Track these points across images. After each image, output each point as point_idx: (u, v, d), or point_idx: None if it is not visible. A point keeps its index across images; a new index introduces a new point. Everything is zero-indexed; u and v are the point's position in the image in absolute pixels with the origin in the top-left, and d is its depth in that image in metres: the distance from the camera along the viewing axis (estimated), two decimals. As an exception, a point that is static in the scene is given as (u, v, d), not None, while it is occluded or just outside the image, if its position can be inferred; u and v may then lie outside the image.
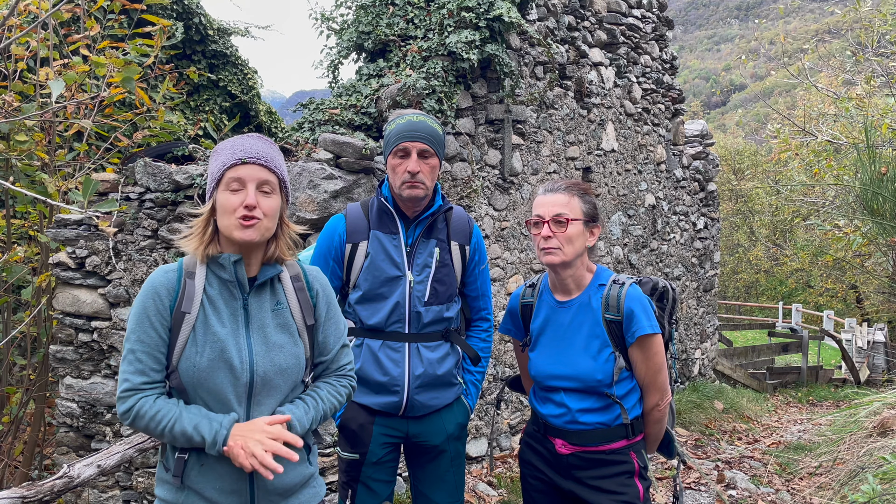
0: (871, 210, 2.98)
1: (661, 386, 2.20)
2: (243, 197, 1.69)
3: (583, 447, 2.18)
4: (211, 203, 1.74)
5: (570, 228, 2.14)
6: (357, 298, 2.34)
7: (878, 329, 15.21)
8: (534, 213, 2.21)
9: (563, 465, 2.22)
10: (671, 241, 7.73)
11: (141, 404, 1.66)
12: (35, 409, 4.27)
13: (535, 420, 2.34)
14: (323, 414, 1.83)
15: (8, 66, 4.05)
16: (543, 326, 2.28)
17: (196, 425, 1.63)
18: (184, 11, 6.56)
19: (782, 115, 12.39)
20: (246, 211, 1.68)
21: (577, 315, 2.21)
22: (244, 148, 1.74)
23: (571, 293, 2.24)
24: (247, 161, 1.71)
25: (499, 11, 4.30)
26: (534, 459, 2.31)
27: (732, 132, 39.83)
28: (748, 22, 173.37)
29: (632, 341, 2.14)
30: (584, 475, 2.19)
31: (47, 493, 2.32)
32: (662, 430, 2.31)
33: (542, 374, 2.26)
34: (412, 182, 2.27)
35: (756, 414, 8.05)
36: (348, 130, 4.02)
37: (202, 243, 1.73)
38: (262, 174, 1.73)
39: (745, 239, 26.63)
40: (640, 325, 2.11)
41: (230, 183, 1.71)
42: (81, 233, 4.15)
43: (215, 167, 1.75)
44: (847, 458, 4.85)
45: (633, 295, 2.15)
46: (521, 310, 2.38)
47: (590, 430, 2.17)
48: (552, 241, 2.14)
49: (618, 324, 2.15)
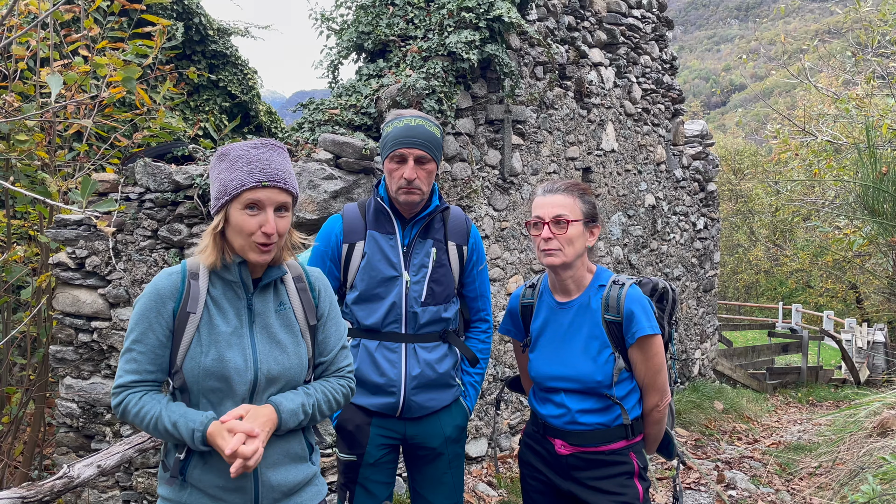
0: (871, 210, 2.98)
1: (660, 387, 2.20)
2: (261, 221, 1.68)
3: (582, 448, 2.18)
4: (221, 216, 1.71)
5: (570, 229, 2.13)
6: (354, 299, 2.34)
7: (877, 329, 15.21)
8: (533, 214, 2.20)
9: (562, 466, 2.22)
10: (671, 241, 7.73)
11: (128, 400, 1.69)
12: (35, 409, 4.27)
13: (535, 421, 2.34)
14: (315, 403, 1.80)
15: (8, 66, 4.04)
16: (543, 327, 2.28)
17: (175, 423, 1.65)
18: (184, 11, 6.56)
19: (782, 115, 12.39)
20: (265, 238, 1.68)
21: (577, 316, 2.21)
22: (263, 168, 1.69)
23: (571, 294, 2.24)
24: (267, 185, 1.68)
25: (499, 12, 4.30)
26: (533, 460, 2.31)
27: (732, 132, 39.82)
28: (748, 22, 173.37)
29: (632, 342, 2.14)
30: (584, 476, 2.19)
31: (47, 494, 2.32)
32: (662, 431, 2.31)
33: (541, 375, 2.25)
34: (408, 189, 2.26)
35: (756, 414, 8.05)
36: (348, 131, 4.02)
37: (218, 256, 1.73)
38: (280, 197, 1.71)
39: (745, 239, 26.62)
40: (639, 325, 2.11)
41: (248, 203, 1.68)
42: (81, 233, 4.15)
43: (230, 181, 1.69)
44: (847, 458, 4.85)
45: (632, 296, 2.15)
46: (522, 310, 2.37)
47: (589, 431, 2.17)
48: (552, 243, 2.13)
49: (617, 325, 2.15)
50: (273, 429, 1.70)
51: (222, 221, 1.71)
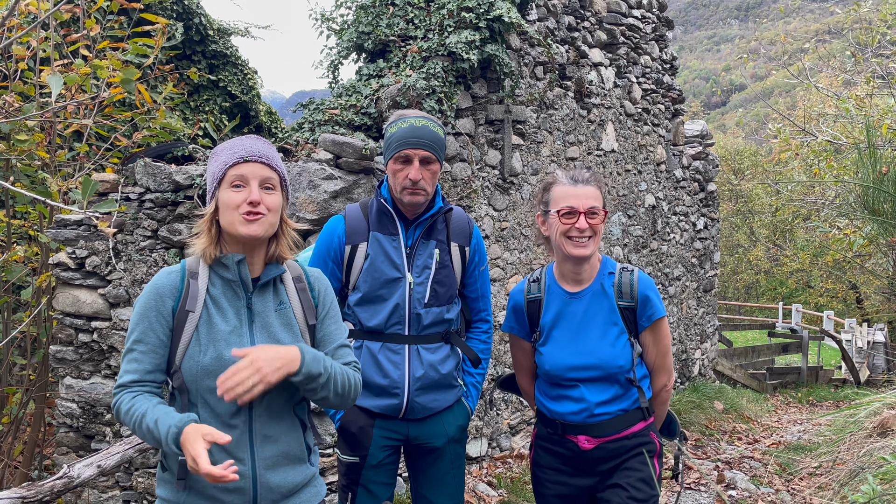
0: (871, 210, 2.98)
1: (668, 367, 2.28)
2: (246, 194, 1.72)
3: (606, 437, 2.18)
4: (213, 203, 1.76)
5: (601, 220, 2.18)
6: (357, 300, 2.33)
7: (878, 329, 15.20)
8: (562, 203, 2.16)
9: (586, 461, 2.21)
10: (671, 241, 7.74)
11: (122, 400, 1.69)
12: (35, 410, 4.27)
13: (547, 421, 2.28)
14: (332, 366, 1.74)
15: (8, 66, 4.04)
16: (556, 319, 2.25)
17: (157, 420, 1.61)
18: (184, 12, 6.56)
19: (782, 115, 12.38)
20: (250, 207, 1.70)
21: (592, 304, 2.22)
22: (244, 147, 1.76)
23: (583, 283, 2.24)
24: (248, 159, 1.74)
25: (499, 12, 4.30)
26: (552, 462, 2.27)
27: (732, 132, 39.82)
28: (748, 22, 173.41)
29: (647, 325, 2.20)
30: (609, 466, 2.20)
31: (47, 494, 2.32)
32: (666, 411, 2.39)
33: (559, 367, 2.21)
34: (413, 189, 2.25)
35: (756, 414, 8.05)
36: (348, 131, 4.02)
37: (211, 241, 1.75)
38: (264, 171, 1.75)
39: (745, 239, 26.62)
40: (655, 308, 2.20)
41: (233, 181, 1.73)
42: (81, 233, 4.15)
43: (216, 167, 1.76)
44: (847, 458, 4.85)
45: (644, 280, 2.22)
46: (528, 306, 2.32)
47: (611, 419, 2.18)
48: (586, 233, 2.14)
49: (631, 310, 2.20)
50: (289, 370, 1.63)
51: (214, 207, 1.76)
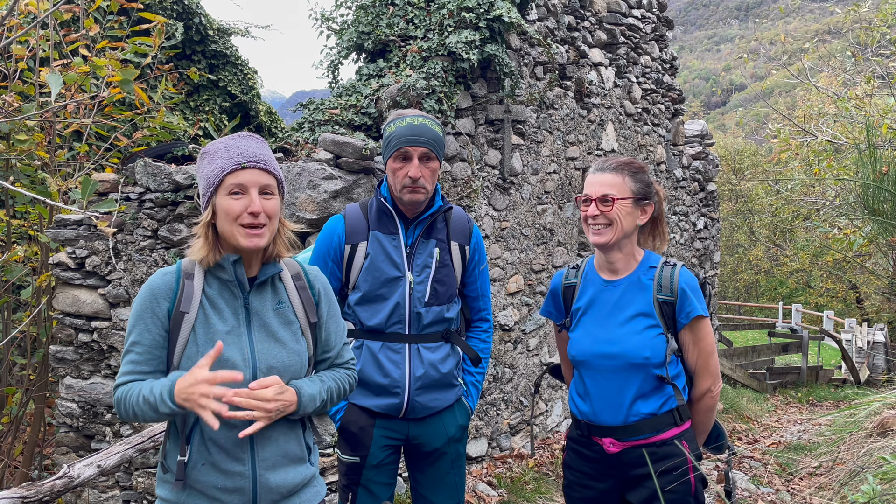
0: (871, 210, 2.98)
1: (713, 370, 2.15)
2: (246, 203, 1.69)
3: (632, 441, 2.10)
4: (210, 209, 1.73)
5: (616, 208, 2.11)
6: (357, 300, 2.33)
7: (878, 329, 15.21)
8: (584, 190, 2.18)
9: (612, 466, 2.14)
10: (671, 241, 7.74)
11: (120, 392, 1.69)
12: (35, 409, 4.26)
13: (578, 423, 2.25)
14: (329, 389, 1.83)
15: (8, 66, 4.04)
16: (588, 305, 2.22)
17: (152, 387, 1.64)
18: (184, 11, 6.56)
19: (782, 115, 12.39)
20: (252, 218, 1.69)
21: (626, 293, 2.16)
22: (241, 151, 1.73)
23: (619, 273, 2.20)
24: (247, 166, 1.71)
25: (499, 12, 4.30)
26: (582, 465, 2.22)
27: (732, 132, 39.81)
28: (748, 22, 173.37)
29: (685, 322, 2.10)
30: (636, 473, 2.11)
31: (47, 494, 2.32)
32: (712, 421, 2.23)
33: (582, 354, 2.17)
34: (413, 187, 2.26)
35: (756, 414, 8.05)
36: (348, 130, 4.01)
37: (209, 249, 1.73)
38: (262, 178, 1.72)
39: (745, 239, 26.62)
40: (693, 305, 2.09)
41: (231, 189, 1.70)
42: (81, 233, 4.15)
43: (212, 172, 1.72)
44: (847, 458, 4.85)
45: (685, 276, 2.14)
46: (564, 291, 2.31)
47: (638, 423, 2.09)
48: (599, 219, 2.12)
49: (670, 305, 2.11)
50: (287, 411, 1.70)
51: (211, 213, 1.73)
